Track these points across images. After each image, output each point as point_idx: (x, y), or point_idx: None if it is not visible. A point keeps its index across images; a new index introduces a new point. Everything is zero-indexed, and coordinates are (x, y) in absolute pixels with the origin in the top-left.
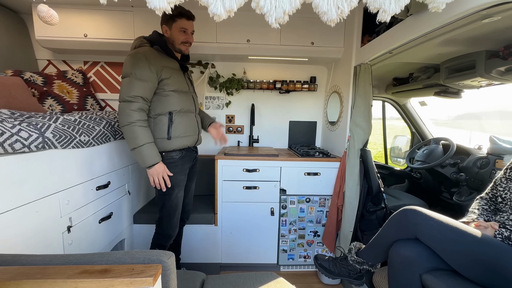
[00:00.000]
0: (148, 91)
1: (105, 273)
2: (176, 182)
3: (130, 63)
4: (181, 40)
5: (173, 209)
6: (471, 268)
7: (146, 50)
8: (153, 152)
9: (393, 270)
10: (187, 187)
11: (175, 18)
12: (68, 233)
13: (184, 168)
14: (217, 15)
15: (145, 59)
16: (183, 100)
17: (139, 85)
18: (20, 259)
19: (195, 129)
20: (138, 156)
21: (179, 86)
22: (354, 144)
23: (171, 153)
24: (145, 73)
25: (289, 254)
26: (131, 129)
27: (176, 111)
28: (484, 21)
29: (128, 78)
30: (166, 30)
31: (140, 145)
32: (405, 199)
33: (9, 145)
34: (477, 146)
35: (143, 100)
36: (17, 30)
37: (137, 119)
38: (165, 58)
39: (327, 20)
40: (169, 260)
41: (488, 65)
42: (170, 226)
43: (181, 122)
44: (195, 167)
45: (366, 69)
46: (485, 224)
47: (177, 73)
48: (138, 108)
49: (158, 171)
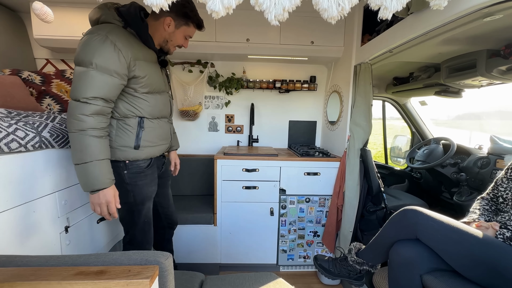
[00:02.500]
0: (114, 89)
1: (101, 275)
2: (147, 195)
3: (89, 46)
4: (177, 44)
5: (147, 224)
6: (472, 268)
7: (116, 32)
8: (104, 172)
9: (393, 270)
10: (165, 194)
11: (189, 22)
12: (65, 233)
13: (154, 177)
14: (215, 12)
15: (114, 46)
16: (158, 104)
17: (100, 81)
18: (15, 260)
19: (168, 136)
20: (81, 176)
21: (155, 87)
22: (354, 144)
23: (138, 162)
24: (112, 64)
25: (289, 254)
26: (80, 139)
27: (148, 117)
28: (485, 20)
29: (85, 69)
30: (169, 24)
31: (87, 162)
32: (405, 199)
33: (5, 144)
34: (477, 146)
35: (104, 102)
36: (15, 29)
37: (91, 126)
38: (140, 46)
39: (328, 17)
40: (166, 261)
41: (489, 64)
42: (144, 242)
43: (153, 130)
44: (166, 172)
45: (366, 68)
46: (486, 224)
47: (154, 68)
48: (95, 112)
49: (104, 199)
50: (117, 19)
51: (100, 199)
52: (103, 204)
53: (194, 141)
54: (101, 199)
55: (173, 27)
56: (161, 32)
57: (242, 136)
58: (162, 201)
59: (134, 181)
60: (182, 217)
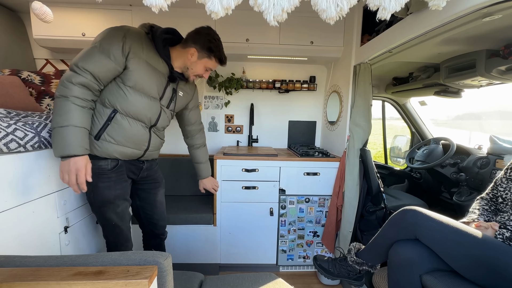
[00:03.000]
0: (105, 70)
1: (99, 275)
2: (108, 199)
3: (104, 32)
4: (197, 73)
5: (116, 226)
6: (471, 269)
7: (134, 31)
8: (79, 139)
9: (392, 271)
10: (150, 200)
11: (211, 56)
12: (65, 233)
13: (120, 181)
14: (214, 12)
15: (122, 35)
16: (138, 104)
17: (97, 58)
18: (14, 260)
19: (142, 143)
20: (55, 139)
21: (143, 87)
22: (354, 144)
23: (99, 162)
24: (113, 49)
25: (288, 255)
26: (62, 104)
27: (122, 113)
28: (484, 20)
29: (91, 46)
30: (192, 54)
31: (63, 126)
32: (405, 199)
33: (4, 144)
34: (477, 146)
35: (91, 76)
36: (15, 29)
37: (75, 95)
38: (150, 51)
39: (326, 18)
40: (165, 261)
41: (488, 64)
42: (118, 244)
43: (122, 128)
44: (149, 178)
45: (366, 68)
46: (486, 224)
47: (156, 75)
48: (81, 83)
49: (74, 166)
50: (145, 27)
51: (70, 166)
52: (72, 172)
53: None
54: (71, 166)
55: (195, 57)
56: (184, 59)
57: (241, 136)
58: (146, 207)
59: (94, 182)
60: (181, 217)
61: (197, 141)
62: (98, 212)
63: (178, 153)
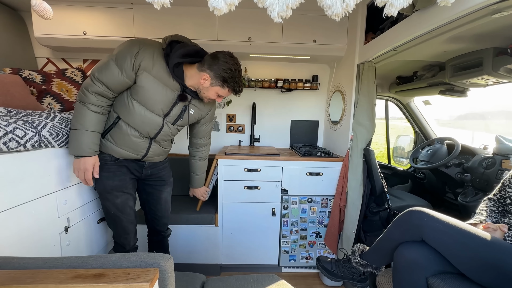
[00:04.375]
0: (116, 83)
1: (99, 278)
2: (105, 188)
3: (124, 45)
4: (209, 98)
5: (115, 216)
6: (479, 271)
7: (148, 45)
8: (90, 143)
9: (398, 273)
10: (154, 197)
11: (224, 86)
12: (65, 233)
13: (120, 173)
14: (217, 8)
15: (136, 51)
16: (140, 118)
17: (111, 70)
18: (12, 262)
19: (140, 150)
20: (71, 140)
21: (148, 104)
22: (357, 144)
23: (103, 154)
24: (125, 64)
25: (291, 255)
26: (80, 108)
27: (124, 121)
28: (493, 16)
29: (109, 58)
30: (205, 79)
31: (78, 129)
32: (409, 200)
33: (4, 143)
34: (482, 146)
35: (105, 87)
36: (16, 28)
37: (91, 102)
38: (161, 68)
39: (332, 14)
40: (167, 264)
41: (495, 63)
42: (117, 233)
43: (123, 134)
44: (153, 176)
45: (370, 67)
46: (494, 226)
47: (163, 91)
48: (96, 92)
49: (83, 165)
50: (163, 43)
51: (80, 164)
52: (81, 170)
53: None
54: (80, 164)
55: (208, 83)
56: (197, 81)
57: (243, 135)
58: (151, 201)
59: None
60: (183, 217)
61: (200, 154)
62: (100, 198)
63: (179, 153)
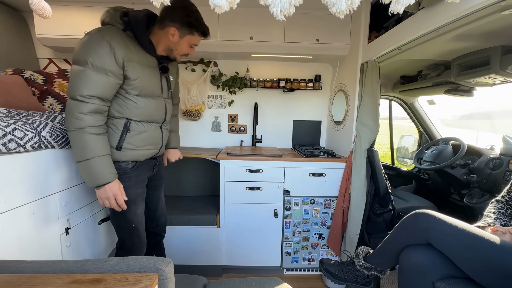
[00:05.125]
0: (109, 88)
1: (97, 283)
2: (131, 198)
3: (86, 46)
4: (183, 53)
5: (135, 229)
6: (488, 276)
7: (113, 33)
8: (107, 167)
9: (403, 277)
10: (155, 197)
11: (193, 31)
12: (66, 235)
13: (140, 180)
14: (218, 6)
15: (109, 45)
16: (149, 108)
17: (97, 79)
18: (9, 266)
19: (158, 141)
20: (85, 172)
21: (148, 91)
22: (361, 144)
23: (122, 163)
24: (107, 64)
25: (293, 257)
26: (79, 137)
27: (136, 120)
28: (503, 13)
29: (81, 68)
30: (173, 35)
31: (89, 158)
32: (413, 201)
33: (3, 144)
34: (489, 147)
35: (100, 101)
36: (18, 29)
37: (90, 124)
38: (137, 49)
39: (336, 11)
40: (166, 268)
41: (503, 61)
42: (135, 248)
43: (139, 133)
44: (158, 174)
45: (374, 66)
46: (503, 229)
47: (151, 72)
48: (93, 110)
49: (110, 192)
50: (118, 22)
51: (107, 193)
52: (111, 197)
53: (197, 141)
54: (107, 192)
55: (177, 37)
56: (166, 41)
57: (245, 136)
58: (150, 205)
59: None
60: (184, 218)
61: (174, 111)
62: (119, 214)
63: None
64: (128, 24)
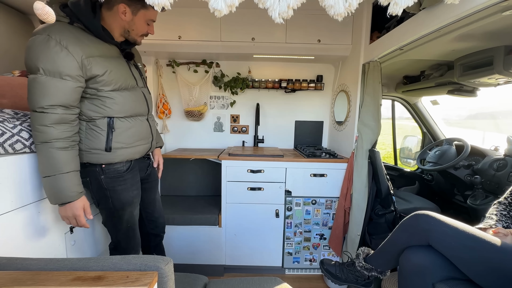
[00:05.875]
0: (70, 94)
1: (98, 281)
2: (126, 201)
3: (33, 50)
4: (142, 33)
5: (131, 229)
6: (489, 278)
7: (61, 30)
8: (69, 186)
9: (404, 278)
10: (151, 199)
11: (147, 5)
12: (71, 233)
13: (135, 181)
14: (218, 10)
15: (59, 45)
16: (128, 101)
17: (52, 86)
18: (16, 263)
19: (147, 135)
20: (47, 188)
21: (122, 83)
22: (363, 145)
23: (115, 165)
24: (61, 66)
25: (294, 257)
26: (44, 151)
27: (118, 117)
28: (504, 14)
29: (33, 76)
30: (124, 12)
31: (50, 175)
32: (416, 202)
33: (10, 145)
34: (493, 147)
35: (63, 109)
36: (26, 31)
37: (55, 137)
38: (93, 41)
39: (334, 14)
40: (166, 267)
41: (507, 61)
42: (130, 248)
43: (126, 130)
44: (152, 175)
45: (375, 66)
46: (505, 231)
47: (118, 63)
48: (56, 121)
49: (70, 212)
50: (61, 15)
51: (67, 212)
52: (71, 217)
53: (199, 141)
54: (67, 212)
55: (129, 14)
56: (118, 22)
57: (247, 136)
58: (147, 207)
59: (111, 186)
60: (186, 218)
61: None
62: (115, 216)
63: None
64: (73, 14)
